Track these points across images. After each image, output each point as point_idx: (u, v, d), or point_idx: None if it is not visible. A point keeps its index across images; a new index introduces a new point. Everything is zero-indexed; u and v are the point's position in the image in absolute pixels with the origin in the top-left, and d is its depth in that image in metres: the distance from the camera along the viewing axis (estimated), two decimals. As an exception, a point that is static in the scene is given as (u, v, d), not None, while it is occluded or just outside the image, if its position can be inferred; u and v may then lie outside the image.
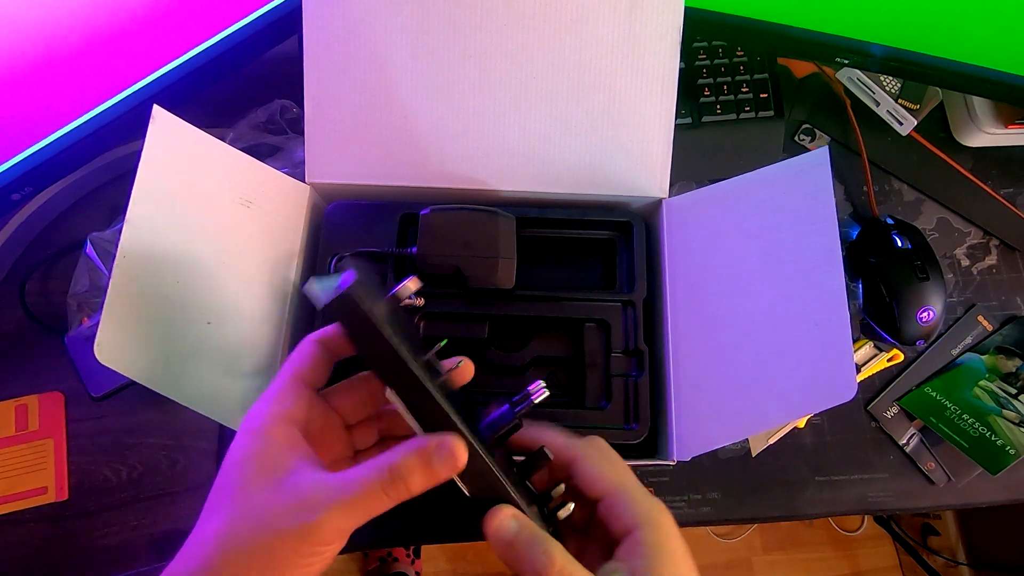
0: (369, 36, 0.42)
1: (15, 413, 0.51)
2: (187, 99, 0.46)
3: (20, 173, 0.43)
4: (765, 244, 0.41)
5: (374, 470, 0.26)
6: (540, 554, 0.26)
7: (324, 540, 0.25)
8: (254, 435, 0.28)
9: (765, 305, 0.40)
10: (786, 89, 0.61)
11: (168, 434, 0.51)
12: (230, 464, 0.27)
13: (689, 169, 0.57)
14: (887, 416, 0.54)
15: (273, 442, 0.27)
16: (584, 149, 0.44)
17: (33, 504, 0.50)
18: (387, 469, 0.26)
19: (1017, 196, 0.60)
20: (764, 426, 0.41)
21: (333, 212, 0.45)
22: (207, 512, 0.27)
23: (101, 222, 0.54)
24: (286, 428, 0.28)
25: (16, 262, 0.54)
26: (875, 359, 0.55)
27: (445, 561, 1.22)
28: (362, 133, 0.44)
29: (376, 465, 0.26)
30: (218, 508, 0.27)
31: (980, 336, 0.56)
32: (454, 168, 0.44)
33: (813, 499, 0.52)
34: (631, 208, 0.46)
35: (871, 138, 0.60)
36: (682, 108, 0.58)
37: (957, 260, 0.59)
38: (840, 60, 0.52)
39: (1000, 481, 0.53)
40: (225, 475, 0.27)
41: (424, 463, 0.26)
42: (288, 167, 0.52)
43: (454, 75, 0.43)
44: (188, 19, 0.44)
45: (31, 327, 0.53)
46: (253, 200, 0.42)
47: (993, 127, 0.58)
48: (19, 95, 0.40)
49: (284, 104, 0.55)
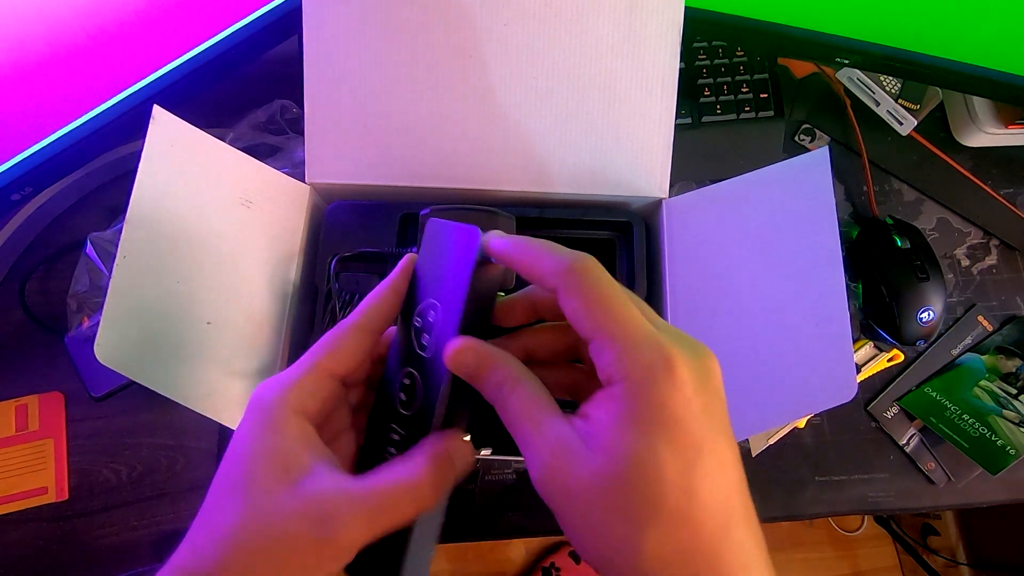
0: (369, 36, 0.42)
1: (15, 413, 0.51)
2: (187, 99, 0.46)
3: (20, 173, 0.43)
4: (765, 244, 0.41)
5: (400, 480, 0.24)
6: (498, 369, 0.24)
7: (342, 551, 0.24)
8: (268, 427, 0.25)
9: (765, 305, 0.40)
10: (786, 89, 0.61)
11: (168, 434, 0.51)
12: (240, 455, 0.25)
13: (689, 169, 0.57)
14: (887, 416, 0.54)
15: (289, 437, 0.25)
16: (584, 149, 0.44)
17: (33, 504, 0.50)
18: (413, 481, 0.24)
19: (1017, 196, 0.60)
20: (764, 426, 0.41)
21: (333, 212, 0.45)
22: (215, 505, 0.25)
23: (101, 222, 0.54)
24: (302, 423, 0.26)
25: (16, 262, 0.54)
26: (875, 359, 0.55)
27: (445, 561, 1.22)
28: (362, 133, 0.44)
29: (401, 475, 0.25)
30: (229, 503, 0.25)
31: (980, 336, 0.56)
32: (454, 168, 0.44)
33: (813, 499, 0.52)
34: (631, 208, 0.46)
35: (871, 138, 0.60)
36: (682, 108, 0.58)
37: (957, 260, 0.59)
38: (840, 60, 0.52)
39: (1000, 481, 0.53)
40: (235, 466, 0.25)
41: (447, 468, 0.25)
42: (288, 167, 0.52)
43: (454, 75, 0.43)
44: (188, 19, 0.44)
45: (31, 327, 0.53)
46: (253, 200, 0.42)
47: (993, 127, 0.58)
48: (19, 95, 0.40)
49: (284, 104, 0.55)
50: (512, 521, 0.51)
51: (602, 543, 0.22)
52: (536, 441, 0.23)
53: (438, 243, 0.28)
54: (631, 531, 0.21)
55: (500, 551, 1.22)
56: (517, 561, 1.21)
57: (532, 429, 0.23)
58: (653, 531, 0.21)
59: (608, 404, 0.22)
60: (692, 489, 0.21)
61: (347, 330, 0.28)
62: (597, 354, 0.23)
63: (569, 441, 0.22)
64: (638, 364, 0.22)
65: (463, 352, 0.25)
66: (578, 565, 1.16)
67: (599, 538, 0.22)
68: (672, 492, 0.21)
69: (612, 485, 0.21)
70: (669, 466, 0.21)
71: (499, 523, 0.51)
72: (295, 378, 0.26)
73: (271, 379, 0.27)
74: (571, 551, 1.17)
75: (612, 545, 0.21)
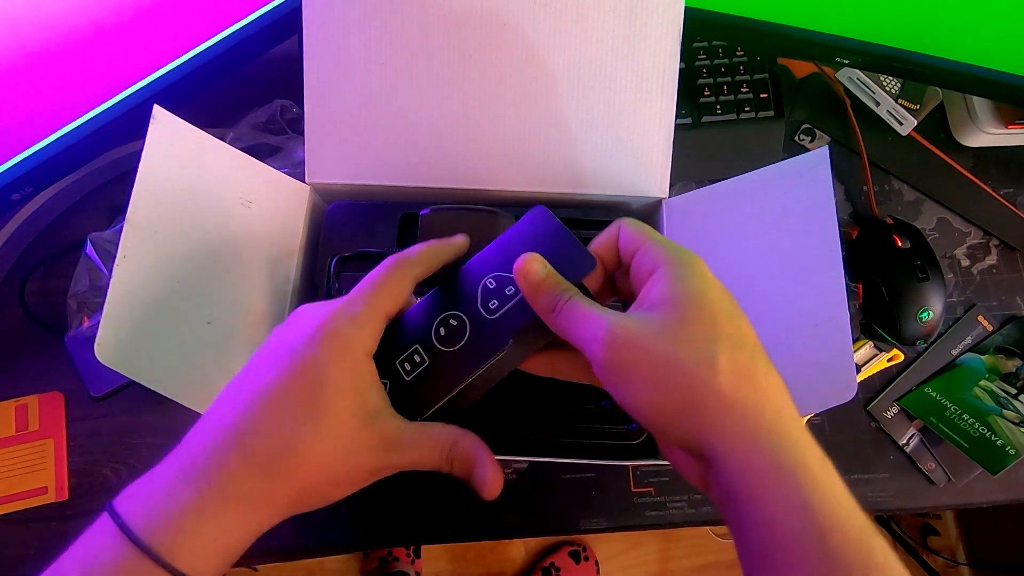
0: (369, 36, 0.42)
1: (15, 413, 0.51)
2: (187, 99, 0.46)
3: (20, 173, 0.43)
4: (765, 244, 0.41)
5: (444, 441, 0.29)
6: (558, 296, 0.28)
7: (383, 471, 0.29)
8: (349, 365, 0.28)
9: (765, 305, 0.40)
10: (786, 89, 0.61)
11: (168, 434, 0.51)
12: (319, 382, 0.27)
13: (689, 169, 0.57)
14: (887, 416, 0.54)
15: (365, 378, 0.29)
16: (584, 149, 0.44)
17: (33, 504, 0.50)
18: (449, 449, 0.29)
19: (1017, 196, 0.60)
20: (764, 426, 0.41)
21: (333, 212, 0.45)
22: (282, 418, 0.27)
23: (101, 222, 0.54)
24: (371, 365, 0.29)
25: (16, 262, 0.54)
26: (875, 359, 0.55)
27: (445, 561, 1.22)
28: (362, 133, 0.44)
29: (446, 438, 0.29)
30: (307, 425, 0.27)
31: (980, 336, 0.56)
32: (454, 168, 0.44)
33: (813, 499, 0.52)
34: (631, 208, 0.46)
35: (871, 138, 0.60)
36: (682, 108, 0.58)
37: (957, 260, 0.59)
38: (840, 60, 0.52)
39: (1000, 481, 0.53)
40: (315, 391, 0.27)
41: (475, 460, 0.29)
42: (288, 167, 0.52)
43: (454, 75, 0.43)
44: (188, 19, 0.44)
45: (31, 327, 0.53)
46: (253, 200, 0.42)
47: (993, 127, 0.58)
48: (19, 95, 0.40)
49: (284, 104, 0.55)
50: (512, 521, 0.51)
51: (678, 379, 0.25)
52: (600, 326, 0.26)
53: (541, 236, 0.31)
54: (704, 356, 0.25)
55: (500, 551, 1.22)
56: (517, 561, 1.21)
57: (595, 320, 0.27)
58: (723, 350, 0.25)
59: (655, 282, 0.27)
60: (742, 326, 0.27)
61: (403, 274, 0.31)
62: (642, 259, 0.28)
63: (629, 317, 0.27)
64: (674, 250, 0.28)
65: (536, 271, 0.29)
66: (578, 565, 1.16)
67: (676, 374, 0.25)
68: (726, 322, 0.26)
69: (682, 321, 0.26)
70: (723, 307, 0.26)
71: (499, 523, 0.51)
72: (366, 318, 0.29)
73: (338, 310, 0.29)
74: (571, 551, 1.17)
75: (687, 375, 0.25)
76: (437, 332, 0.31)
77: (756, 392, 0.25)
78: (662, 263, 0.27)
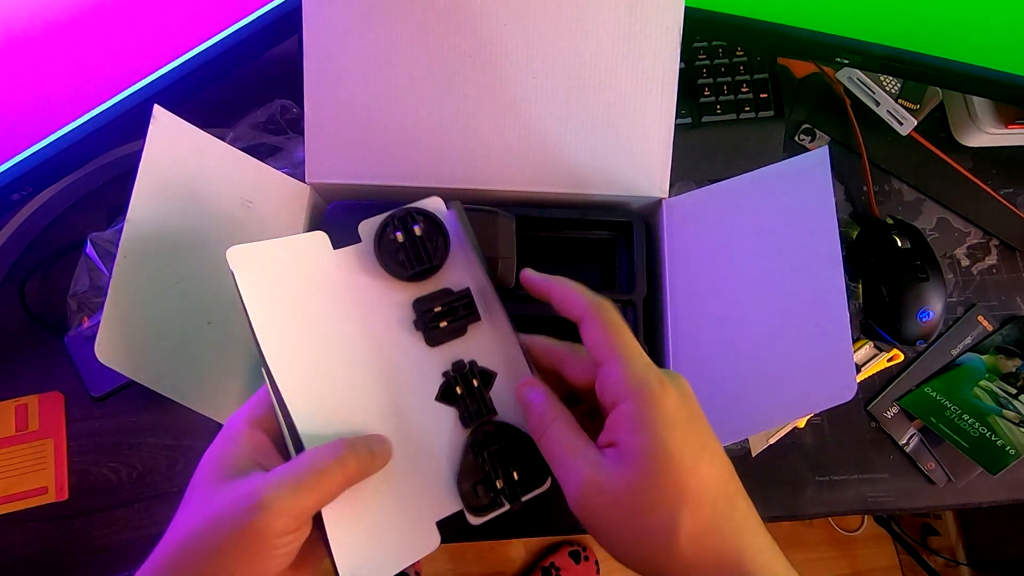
0: (369, 36, 0.42)
1: (15, 413, 0.51)
2: (187, 99, 0.46)
3: (20, 173, 0.43)
4: (765, 244, 0.41)
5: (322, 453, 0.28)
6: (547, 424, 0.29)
7: (273, 529, 0.26)
8: (226, 437, 0.29)
9: (765, 305, 0.40)
10: (786, 89, 0.61)
11: (168, 434, 0.51)
12: (202, 463, 0.29)
13: (689, 169, 0.57)
14: (887, 416, 0.54)
15: (241, 444, 0.29)
16: (584, 149, 0.44)
17: (33, 504, 0.50)
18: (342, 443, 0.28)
19: (1017, 196, 0.60)
20: (764, 426, 0.41)
21: (333, 212, 0.45)
22: (179, 509, 0.28)
23: (101, 222, 0.54)
24: (256, 434, 0.29)
25: (16, 262, 0.54)
26: (875, 359, 0.55)
27: (445, 561, 1.22)
28: (362, 133, 0.44)
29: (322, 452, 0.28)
30: (183, 505, 0.28)
31: (980, 336, 0.56)
32: (454, 168, 0.44)
33: (813, 499, 0.52)
34: (631, 208, 0.46)
35: (871, 138, 0.60)
36: (682, 108, 0.58)
37: (957, 260, 0.59)
38: (840, 60, 0.52)
39: (1000, 481, 0.53)
40: (196, 474, 0.29)
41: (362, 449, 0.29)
42: (288, 167, 0.52)
43: (454, 75, 0.43)
44: (188, 19, 0.44)
45: (31, 327, 0.53)
46: (253, 200, 0.42)
47: (993, 127, 0.58)
48: (19, 95, 0.40)
49: (284, 104, 0.55)
50: (512, 521, 0.51)
51: (644, 539, 0.26)
52: (576, 464, 0.27)
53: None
54: (666, 520, 0.25)
55: (500, 551, 1.22)
56: (517, 561, 1.21)
57: (572, 455, 0.28)
58: (684, 515, 0.25)
59: (620, 421, 0.27)
60: (703, 475, 0.26)
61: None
62: (607, 374, 0.28)
63: (602, 462, 0.27)
64: (641, 380, 0.27)
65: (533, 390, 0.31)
66: (578, 565, 1.16)
67: (641, 536, 0.26)
68: (690, 479, 0.26)
69: (644, 487, 0.26)
70: (684, 459, 0.26)
71: (499, 523, 0.51)
72: (257, 395, 0.30)
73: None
74: (571, 551, 1.17)
75: (651, 538, 0.26)
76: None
77: (721, 544, 0.26)
78: (627, 396, 0.27)
